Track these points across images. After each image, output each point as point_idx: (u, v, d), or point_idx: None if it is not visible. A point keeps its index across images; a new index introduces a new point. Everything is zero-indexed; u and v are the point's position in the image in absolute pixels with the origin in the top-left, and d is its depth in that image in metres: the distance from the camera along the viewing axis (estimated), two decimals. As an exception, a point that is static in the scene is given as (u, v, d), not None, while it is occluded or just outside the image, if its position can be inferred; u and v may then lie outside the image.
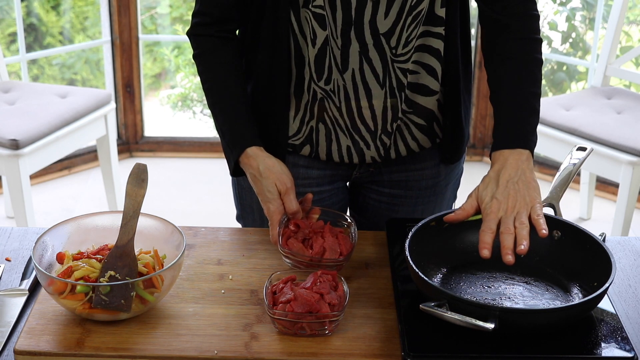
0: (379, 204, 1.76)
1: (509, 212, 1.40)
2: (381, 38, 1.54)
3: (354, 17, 1.52)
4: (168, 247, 1.43)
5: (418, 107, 1.64)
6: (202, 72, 1.64)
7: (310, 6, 1.53)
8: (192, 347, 1.29)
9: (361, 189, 1.78)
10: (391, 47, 1.55)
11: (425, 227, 1.46)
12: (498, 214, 1.41)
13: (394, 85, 1.59)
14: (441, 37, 1.58)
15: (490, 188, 1.45)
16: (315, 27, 1.54)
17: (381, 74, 1.58)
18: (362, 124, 1.62)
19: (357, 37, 1.54)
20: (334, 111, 1.62)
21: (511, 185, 1.44)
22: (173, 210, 3.75)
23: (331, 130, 1.64)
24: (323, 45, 1.56)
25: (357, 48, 1.55)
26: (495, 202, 1.42)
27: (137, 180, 1.39)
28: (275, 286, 1.37)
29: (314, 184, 1.70)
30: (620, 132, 3.09)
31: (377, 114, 1.61)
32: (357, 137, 1.64)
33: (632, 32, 4.56)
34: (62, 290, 1.32)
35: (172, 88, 5.06)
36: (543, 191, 1.45)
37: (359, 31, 1.53)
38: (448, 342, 1.28)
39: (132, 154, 4.25)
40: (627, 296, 1.48)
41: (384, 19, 1.52)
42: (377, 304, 1.41)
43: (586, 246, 1.43)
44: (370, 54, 1.56)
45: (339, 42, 1.54)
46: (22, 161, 3.02)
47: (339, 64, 1.56)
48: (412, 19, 1.53)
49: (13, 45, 4.62)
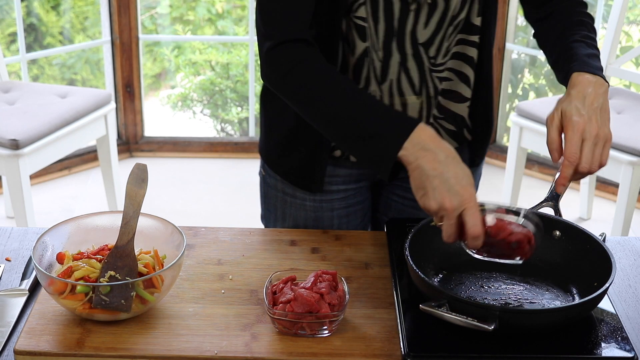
0: (402, 204, 1.75)
1: (592, 136, 1.39)
2: (420, 48, 1.53)
3: (397, 28, 1.51)
4: (168, 247, 1.43)
5: (449, 113, 1.63)
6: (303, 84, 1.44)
7: (352, 16, 1.51)
8: (192, 347, 1.29)
9: (385, 188, 1.77)
10: (430, 56, 1.55)
11: (425, 227, 1.46)
12: (584, 134, 1.40)
13: (430, 93, 1.59)
14: (476, 45, 1.57)
15: (575, 105, 1.42)
16: (355, 38, 1.53)
17: (418, 83, 1.57)
18: None
19: (398, 48, 1.53)
20: None
21: (596, 111, 1.42)
22: (173, 210, 3.75)
23: None
24: (361, 56, 1.54)
25: (398, 59, 1.54)
26: (582, 120, 1.40)
27: (137, 180, 1.39)
28: (275, 286, 1.37)
29: (339, 182, 1.69)
30: (620, 132, 3.09)
31: None
32: None
33: (632, 32, 4.56)
34: (62, 290, 1.32)
35: (172, 88, 5.06)
36: (543, 191, 1.45)
37: (401, 42, 1.52)
38: (448, 342, 1.28)
39: (132, 154, 4.25)
40: (627, 296, 1.48)
41: (424, 28, 1.52)
42: (377, 304, 1.41)
43: (586, 246, 1.43)
44: (408, 64, 1.55)
45: (380, 54, 1.53)
46: (22, 161, 3.02)
47: (378, 75, 1.55)
48: (452, 29, 1.53)
49: (13, 45, 4.63)
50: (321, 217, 1.71)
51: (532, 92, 4.42)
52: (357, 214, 1.75)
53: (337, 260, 1.55)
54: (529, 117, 3.31)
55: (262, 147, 1.75)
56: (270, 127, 1.69)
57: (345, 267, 1.51)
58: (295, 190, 1.70)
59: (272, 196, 1.75)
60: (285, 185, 1.70)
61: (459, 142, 1.68)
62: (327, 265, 1.52)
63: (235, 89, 4.70)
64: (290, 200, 1.71)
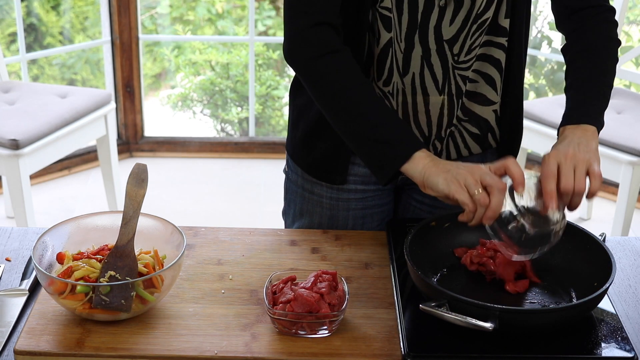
0: (420, 208, 1.74)
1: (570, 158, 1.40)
2: (444, 44, 1.54)
3: (420, 21, 1.51)
4: (168, 247, 1.43)
5: (474, 116, 1.63)
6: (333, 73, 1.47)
7: (378, 6, 1.52)
8: (192, 347, 1.29)
9: (404, 191, 1.76)
10: (454, 53, 1.55)
11: (425, 227, 1.46)
12: (557, 157, 1.40)
13: (452, 92, 1.58)
14: (503, 47, 1.57)
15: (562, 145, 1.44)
16: (380, 28, 1.53)
17: (441, 80, 1.57)
18: (416, 128, 1.61)
19: (420, 42, 1.53)
20: None
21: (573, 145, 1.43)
22: (173, 210, 3.75)
23: None
24: (386, 46, 1.55)
25: (420, 52, 1.54)
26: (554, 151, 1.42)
27: (137, 180, 1.39)
28: (275, 286, 1.37)
29: (358, 181, 1.69)
30: (620, 132, 3.09)
31: (432, 120, 1.61)
32: None
33: (632, 32, 4.56)
34: (62, 290, 1.32)
35: (172, 88, 5.06)
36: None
37: (423, 36, 1.53)
38: (448, 342, 1.28)
39: (132, 154, 4.25)
40: (627, 296, 1.48)
41: (449, 25, 1.52)
42: (377, 304, 1.41)
43: (586, 246, 1.43)
44: (432, 60, 1.55)
45: (402, 46, 1.53)
46: (22, 161, 3.02)
47: (400, 67, 1.56)
48: (477, 27, 1.53)
49: (13, 45, 4.62)
50: (336, 215, 1.71)
51: (532, 92, 4.42)
52: (375, 216, 1.74)
53: (337, 260, 1.55)
54: (529, 117, 3.30)
55: (287, 143, 1.78)
56: (298, 120, 1.70)
57: (345, 267, 1.51)
58: (314, 186, 1.70)
59: (292, 192, 1.76)
60: (305, 181, 1.72)
61: (483, 147, 1.67)
62: (327, 265, 1.52)
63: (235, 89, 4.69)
64: (308, 197, 1.72)
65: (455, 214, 1.50)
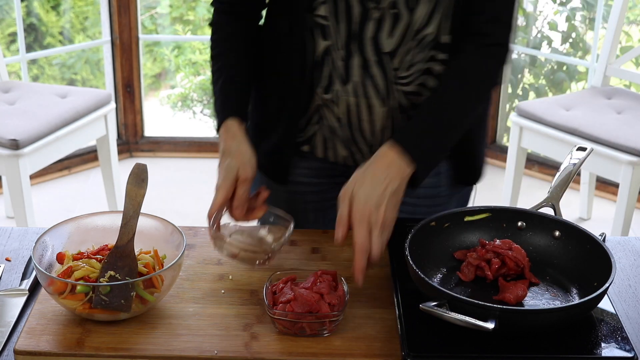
0: None
1: (378, 225, 1.37)
2: (385, 56, 1.53)
3: (357, 31, 1.51)
4: (168, 247, 1.43)
5: None
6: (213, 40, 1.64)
7: (313, 13, 1.52)
8: (192, 347, 1.29)
9: None
10: (394, 67, 1.54)
11: (425, 227, 1.46)
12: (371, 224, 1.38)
13: (395, 105, 1.58)
14: (445, 63, 1.55)
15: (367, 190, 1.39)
16: (317, 36, 1.54)
17: (384, 91, 1.56)
18: (361, 137, 1.62)
19: (359, 51, 1.53)
20: (333, 121, 1.61)
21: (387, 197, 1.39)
22: (173, 210, 3.75)
23: (328, 138, 1.64)
24: (323, 54, 1.55)
25: (359, 62, 1.54)
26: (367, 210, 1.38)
27: (137, 180, 1.39)
28: (275, 286, 1.37)
29: (312, 174, 1.70)
30: (620, 132, 3.09)
31: (376, 131, 1.61)
32: (354, 149, 1.64)
33: (632, 32, 4.56)
34: (62, 290, 1.32)
35: (172, 88, 5.06)
36: (543, 191, 1.45)
37: (361, 46, 1.52)
38: (448, 342, 1.27)
39: (132, 154, 4.25)
40: (627, 296, 1.48)
41: (388, 37, 1.51)
42: (377, 304, 1.41)
43: (586, 246, 1.43)
44: (372, 70, 1.54)
45: (342, 54, 1.54)
46: (22, 161, 3.02)
47: (342, 75, 1.56)
48: (416, 44, 1.52)
49: (13, 45, 4.63)
50: (294, 209, 1.71)
51: (532, 92, 4.42)
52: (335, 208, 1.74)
53: (337, 260, 1.55)
54: (529, 117, 3.31)
55: None
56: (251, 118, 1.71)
57: (345, 267, 1.51)
58: (269, 180, 1.70)
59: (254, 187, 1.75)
60: (260, 174, 1.70)
61: None
62: (327, 265, 1.52)
63: (235, 89, 4.69)
64: None
65: (455, 214, 1.51)
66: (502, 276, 1.42)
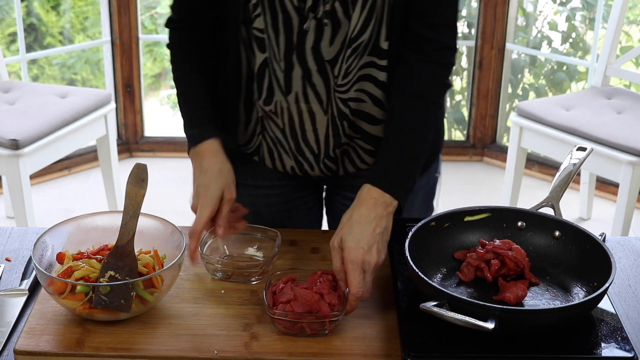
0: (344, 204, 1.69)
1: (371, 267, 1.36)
2: (326, 65, 1.53)
3: (296, 42, 1.51)
4: (168, 247, 1.43)
5: (365, 134, 1.61)
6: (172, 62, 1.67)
7: (250, 27, 1.52)
8: (192, 347, 1.29)
9: (329, 194, 1.79)
10: (334, 75, 1.53)
11: (425, 227, 1.46)
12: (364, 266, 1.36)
13: (335, 114, 1.57)
14: (385, 69, 1.54)
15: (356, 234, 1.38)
16: (254, 48, 1.54)
17: (325, 99, 1.56)
18: (306, 146, 1.62)
19: (299, 62, 1.52)
20: (277, 132, 1.61)
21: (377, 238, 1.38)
22: (173, 210, 3.75)
23: (273, 149, 1.64)
24: (262, 66, 1.55)
25: (300, 73, 1.53)
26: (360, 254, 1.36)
27: (137, 180, 1.39)
28: (275, 286, 1.37)
29: (274, 177, 1.71)
30: (620, 132, 3.09)
31: (320, 139, 1.60)
32: (300, 159, 1.64)
33: (632, 32, 4.56)
34: (62, 290, 1.32)
35: (172, 88, 5.06)
36: (543, 191, 1.45)
37: (301, 56, 1.52)
38: (448, 342, 1.28)
39: (132, 154, 4.25)
40: (627, 296, 1.48)
41: (329, 46, 1.51)
42: (377, 304, 1.41)
43: (586, 246, 1.43)
44: (313, 79, 1.54)
45: (282, 65, 1.53)
46: (22, 161, 3.02)
47: (282, 86, 1.56)
48: (352, 51, 1.51)
49: (13, 45, 4.63)
50: (259, 212, 1.72)
51: (532, 92, 4.42)
52: (300, 208, 1.76)
53: (337, 260, 1.54)
54: (529, 117, 3.30)
55: None
56: None
57: (345, 267, 1.51)
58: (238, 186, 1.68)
59: None
60: None
61: None
62: (327, 265, 1.52)
63: (235, 89, 4.70)
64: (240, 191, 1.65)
65: (455, 214, 1.51)
66: (502, 276, 1.42)
